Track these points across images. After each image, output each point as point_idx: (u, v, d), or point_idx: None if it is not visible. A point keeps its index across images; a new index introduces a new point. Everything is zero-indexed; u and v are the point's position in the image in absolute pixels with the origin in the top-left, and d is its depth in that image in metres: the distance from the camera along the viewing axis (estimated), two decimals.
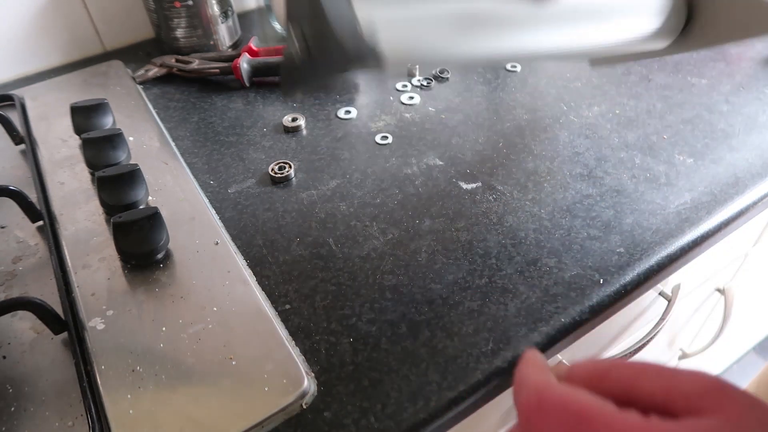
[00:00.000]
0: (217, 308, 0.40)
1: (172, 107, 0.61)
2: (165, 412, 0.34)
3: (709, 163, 0.50)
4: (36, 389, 0.36)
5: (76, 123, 0.53)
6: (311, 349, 0.38)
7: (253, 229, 0.46)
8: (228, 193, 0.50)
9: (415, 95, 0.61)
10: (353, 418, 0.34)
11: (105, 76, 0.65)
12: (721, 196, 0.47)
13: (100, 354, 0.37)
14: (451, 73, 0.64)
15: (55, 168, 0.53)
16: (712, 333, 0.88)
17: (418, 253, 0.44)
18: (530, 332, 0.38)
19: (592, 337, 0.54)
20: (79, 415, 0.34)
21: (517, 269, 0.42)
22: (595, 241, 0.44)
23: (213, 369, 0.36)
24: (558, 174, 0.50)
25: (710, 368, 1.28)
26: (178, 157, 0.54)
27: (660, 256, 0.43)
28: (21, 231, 0.47)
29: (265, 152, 0.54)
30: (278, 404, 0.34)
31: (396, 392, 0.35)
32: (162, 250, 0.43)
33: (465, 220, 0.46)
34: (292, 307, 0.40)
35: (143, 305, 0.40)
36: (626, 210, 0.46)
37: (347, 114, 0.59)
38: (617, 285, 0.41)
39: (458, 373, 0.36)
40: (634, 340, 0.56)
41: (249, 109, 0.60)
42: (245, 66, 0.62)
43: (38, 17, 0.66)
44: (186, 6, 0.65)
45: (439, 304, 0.40)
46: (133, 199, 0.46)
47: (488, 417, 0.50)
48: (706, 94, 0.58)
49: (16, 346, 0.38)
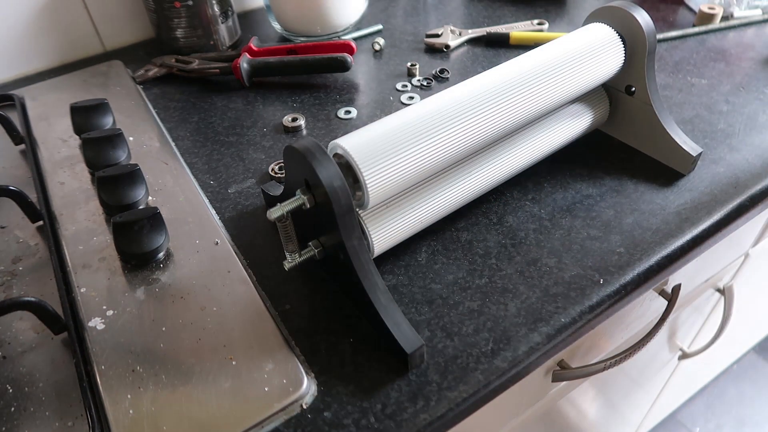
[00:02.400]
0: (217, 308, 0.40)
1: (172, 107, 0.61)
2: (165, 412, 0.34)
3: (709, 163, 0.50)
4: (36, 389, 0.36)
5: (76, 123, 0.53)
6: (311, 349, 0.38)
7: (253, 229, 0.46)
8: (228, 193, 0.50)
9: (415, 95, 0.61)
10: (353, 418, 0.34)
11: (105, 76, 0.65)
12: (721, 196, 0.47)
13: (100, 354, 0.37)
14: (451, 73, 0.64)
15: (55, 168, 0.53)
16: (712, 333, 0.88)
17: (418, 253, 0.44)
18: (530, 332, 0.38)
19: (592, 337, 0.54)
20: (79, 415, 0.34)
21: (517, 269, 0.42)
22: (595, 241, 0.44)
23: (213, 369, 0.36)
24: (558, 173, 0.50)
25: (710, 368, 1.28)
26: (178, 157, 0.54)
27: (660, 256, 0.43)
28: (21, 231, 0.47)
29: (265, 152, 0.54)
30: (278, 404, 0.34)
31: (396, 392, 0.35)
32: (162, 250, 0.43)
33: (465, 220, 0.46)
34: (292, 307, 0.40)
35: (143, 305, 0.40)
36: (626, 210, 0.46)
37: (347, 114, 0.59)
38: (617, 285, 0.41)
39: (458, 373, 0.36)
40: (634, 340, 0.56)
41: (249, 109, 0.60)
42: (245, 66, 0.62)
43: (38, 17, 0.66)
44: (186, 6, 0.65)
45: (439, 304, 0.40)
46: (133, 199, 0.46)
47: (488, 417, 0.50)
48: (706, 94, 0.58)
49: (16, 346, 0.38)
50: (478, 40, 0.70)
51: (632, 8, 0.44)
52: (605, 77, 0.46)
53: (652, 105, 0.47)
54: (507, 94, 0.40)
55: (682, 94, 0.58)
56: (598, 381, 0.72)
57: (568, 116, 0.48)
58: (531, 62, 0.43)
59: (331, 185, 0.33)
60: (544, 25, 0.71)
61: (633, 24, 0.44)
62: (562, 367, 0.52)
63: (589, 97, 0.50)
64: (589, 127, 0.50)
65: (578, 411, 0.79)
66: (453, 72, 0.64)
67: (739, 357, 1.46)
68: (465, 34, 0.70)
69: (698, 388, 1.38)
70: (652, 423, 1.28)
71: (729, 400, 1.40)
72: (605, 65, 0.45)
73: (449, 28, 0.70)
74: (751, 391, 1.42)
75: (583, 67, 0.44)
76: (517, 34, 0.68)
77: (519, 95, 0.41)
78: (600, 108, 0.50)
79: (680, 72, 0.62)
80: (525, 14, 0.75)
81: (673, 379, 1.05)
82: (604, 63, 0.45)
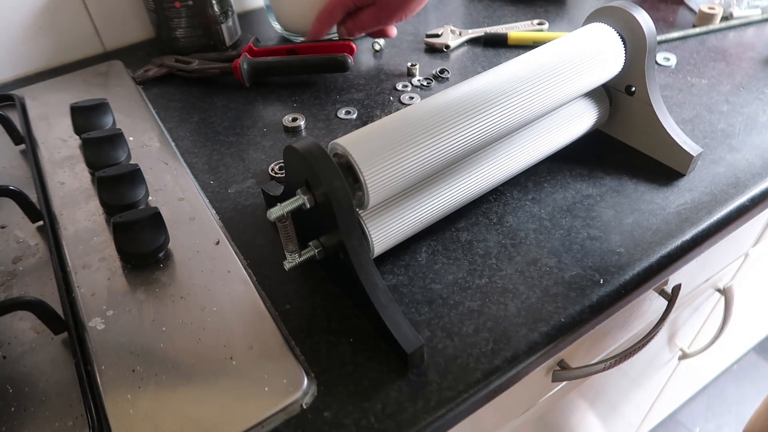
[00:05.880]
0: (217, 308, 0.40)
1: (172, 107, 0.61)
2: (165, 412, 0.34)
3: (709, 163, 0.50)
4: (36, 389, 0.36)
5: (76, 123, 0.53)
6: (311, 349, 0.38)
7: (253, 229, 0.46)
8: (228, 193, 0.50)
9: (415, 95, 0.61)
10: (353, 418, 0.34)
11: (105, 76, 0.65)
12: (721, 196, 0.47)
13: (100, 354, 0.37)
14: (451, 73, 0.64)
15: (55, 168, 0.53)
16: (712, 333, 0.88)
17: (418, 253, 0.44)
18: (530, 332, 0.38)
19: (592, 337, 0.54)
20: (79, 415, 0.34)
21: (517, 269, 0.42)
22: (595, 241, 0.44)
23: (213, 369, 0.36)
24: (558, 173, 0.50)
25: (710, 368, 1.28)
26: (178, 157, 0.54)
27: (660, 256, 0.43)
28: (21, 231, 0.47)
29: (265, 152, 0.54)
30: (278, 404, 0.34)
31: (396, 392, 0.35)
32: (162, 250, 0.43)
33: (465, 220, 0.46)
34: (292, 307, 0.40)
35: (143, 305, 0.40)
36: (626, 210, 0.46)
37: (347, 114, 0.59)
38: (617, 285, 0.41)
39: (458, 373, 0.36)
40: (634, 340, 0.56)
41: (249, 109, 0.60)
42: (245, 66, 0.62)
43: (38, 17, 0.66)
44: (186, 6, 0.65)
45: (439, 304, 0.40)
46: (133, 199, 0.46)
47: (488, 417, 0.50)
48: (706, 94, 0.58)
49: (16, 346, 0.38)
50: (479, 40, 0.70)
51: (632, 8, 0.44)
52: (605, 77, 0.46)
53: (652, 105, 0.47)
54: (507, 94, 0.40)
55: (682, 94, 0.58)
56: (598, 381, 0.72)
57: (568, 116, 0.48)
58: (531, 62, 0.43)
59: (331, 185, 0.33)
60: (544, 25, 0.71)
61: (633, 24, 0.44)
62: (562, 367, 0.52)
63: (589, 98, 0.50)
64: (589, 127, 0.50)
65: (578, 411, 0.79)
66: (453, 72, 0.64)
67: (739, 357, 1.46)
68: (465, 34, 0.70)
69: (698, 388, 1.38)
70: (652, 423, 1.28)
71: (729, 400, 1.40)
72: (605, 65, 0.45)
73: (449, 28, 0.70)
74: (751, 391, 1.42)
75: (583, 67, 0.44)
76: (516, 34, 0.68)
77: (519, 95, 0.41)
78: (600, 108, 0.50)
79: (680, 72, 0.62)
80: (525, 14, 0.75)
81: (673, 379, 1.05)
82: (604, 63, 0.45)
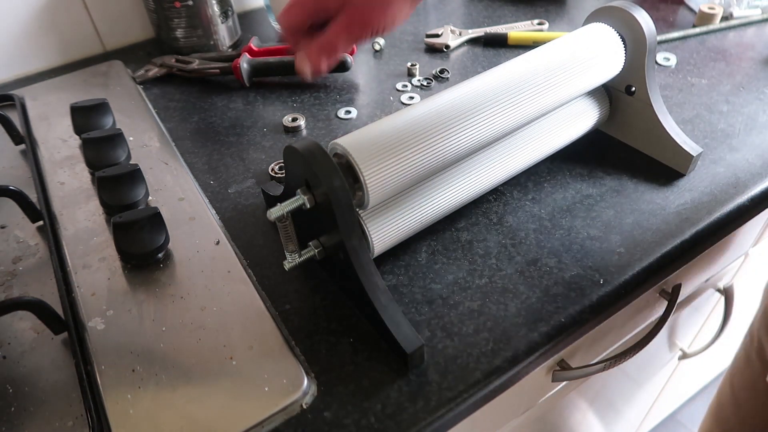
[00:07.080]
0: (217, 308, 0.40)
1: (172, 107, 0.61)
2: (165, 412, 0.34)
3: (709, 163, 0.50)
4: (36, 389, 0.36)
5: (76, 123, 0.53)
6: (311, 349, 0.38)
7: (253, 229, 0.46)
8: (228, 193, 0.50)
9: (415, 95, 0.61)
10: (353, 418, 0.34)
11: (105, 76, 0.65)
12: (721, 196, 0.47)
13: (100, 354, 0.37)
14: (451, 73, 0.64)
15: (55, 168, 0.53)
16: (712, 333, 0.88)
17: (418, 253, 0.44)
18: (530, 332, 0.38)
19: (593, 337, 0.54)
20: (79, 415, 0.34)
21: (517, 269, 0.42)
22: (595, 241, 0.44)
23: (213, 369, 0.36)
24: (558, 173, 0.50)
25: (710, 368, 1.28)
26: (178, 157, 0.54)
27: (660, 256, 0.43)
28: (21, 231, 0.47)
29: (265, 152, 0.54)
30: (278, 404, 0.34)
31: (396, 392, 0.35)
32: (162, 250, 0.43)
33: (465, 220, 0.46)
34: (292, 307, 0.40)
35: (143, 305, 0.40)
36: (626, 210, 0.46)
37: (347, 114, 0.59)
38: (617, 285, 0.41)
39: (458, 373, 0.36)
40: (635, 340, 0.56)
41: (249, 109, 0.60)
42: (245, 66, 0.62)
43: (38, 17, 0.66)
44: (186, 6, 0.65)
45: (439, 304, 0.40)
46: (133, 199, 0.46)
47: (488, 417, 0.50)
48: (706, 94, 0.58)
49: (16, 346, 0.38)
50: (479, 40, 0.70)
51: (632, 8, 0.44)
52: (605, 77, 0.46)
53: (652, 105, 0.47)
54: (507, 94, 0.40)
55: (682, 94, 0.58)
56: (599, 381, 0.71)
57: (569, 116, 0.48)
58: (531, 63, 0.43)
59: (331, 185, 0.33)
60: (544, 25, 0.71)
61: (633, 24, 0.44)
62: (562, 367, 0.52)
63: (589, 97, 0.50)
64: (589, 127, 0.50)
65: (578, 411, 0.79)
66: (453, 72, 0.64)
67: None
68: (465, 34, 0.70)
69: (698, 388, 1.38)
70: (652, 423, 1.28)
71: None
72: (605, 65, 0.45)
73: (449, 28, 0.70)
74: None
75: (583, 67, 0.44)
76: (516, 34, 0.68)
77: (519, 96, 0.41)
78: (600, 108, 0.50)
79: (680, 72, 0.62)
80: (525, 14, 0.75)
81: (673, 379, 1.05)
82: (604, 63, 0.45)
